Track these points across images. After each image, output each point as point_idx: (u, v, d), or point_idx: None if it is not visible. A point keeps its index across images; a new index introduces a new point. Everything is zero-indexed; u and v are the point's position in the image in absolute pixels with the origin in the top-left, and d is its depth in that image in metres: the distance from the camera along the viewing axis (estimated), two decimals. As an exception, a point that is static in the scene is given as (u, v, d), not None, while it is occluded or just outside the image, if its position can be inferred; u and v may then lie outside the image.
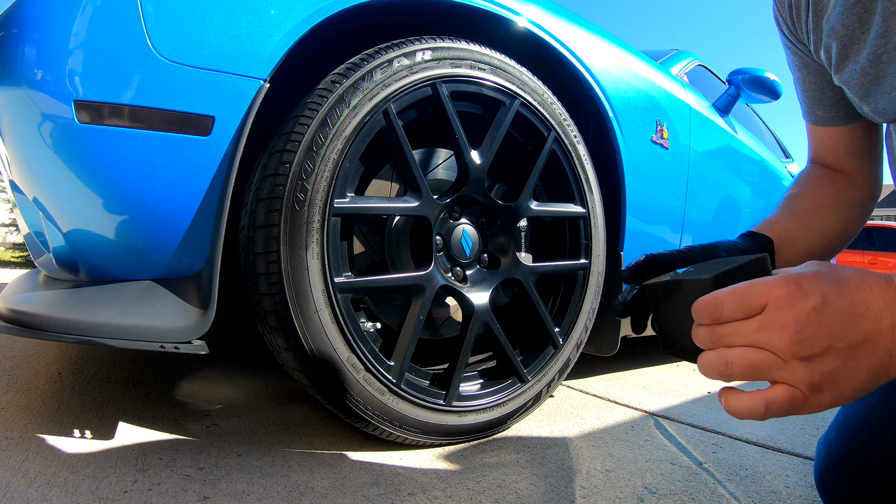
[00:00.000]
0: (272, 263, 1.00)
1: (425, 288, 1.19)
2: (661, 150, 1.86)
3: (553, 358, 1.44)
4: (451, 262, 1.32)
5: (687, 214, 2.04)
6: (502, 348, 1.34)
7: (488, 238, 1.40)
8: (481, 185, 1.29)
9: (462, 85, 1.26)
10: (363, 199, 1.13)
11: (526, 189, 1.38)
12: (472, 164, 1.26)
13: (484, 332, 1.31)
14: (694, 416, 1.66)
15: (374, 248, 1.26)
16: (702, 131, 2.17)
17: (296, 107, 1.09)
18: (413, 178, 1.17)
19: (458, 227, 1.33)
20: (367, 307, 1.27)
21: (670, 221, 1.96)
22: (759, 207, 2.65)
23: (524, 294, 1.40)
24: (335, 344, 1.06)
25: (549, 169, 1.47)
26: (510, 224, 1.38)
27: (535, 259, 1.53)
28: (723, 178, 2.35)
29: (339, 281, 1.07)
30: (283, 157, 1.02)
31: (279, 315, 1.02)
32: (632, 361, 2.58)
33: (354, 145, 1.08)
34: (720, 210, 2.31)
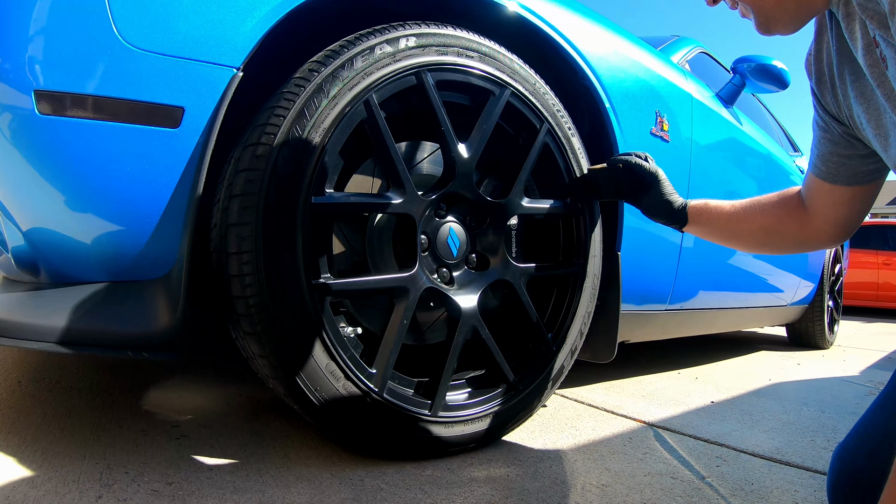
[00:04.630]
0: (246, 264, 1.03)
1: (409, 290, 1.22)
2: (660, 142, 1.91)
3: (546, 365, 1.48)
4: (437, 263, 1.35)
5: (690, 212, 2.08)
6: (492, 355, 1.38)
7: (477, 237, 1.43)
8: (469, 181, 1.33)
9: (448, 74, 1.29)
10: (343, 196, 1.16)
11: (517, 185, 1.41)
12: (460, 159, 1.29)
13: (472, 337, 1.34)
14: (696, 428, 1.70)
15: (355, 247, 1.29)
16: (704, 123, 2.22)
17: (271, 97, 1.12)
18: (396, 173, 1.20)
19: (445, 225, 1.36)
20: (347, 311, 1.30)
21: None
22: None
23: (515, 297, 1.44)
24: (313, 350, 1.09)
25: (541, 163, 1.51)
26: (500, 222, 1.42)
27: (527, 260, 1.57)
28: (727, 172, 2.40)
29: (317, 283, 1.10)
30: (258, 151, 1.05)
31: (253, 319, 1.04)
32: (630, 369, 2.63)
33: (334, 138, 1.11)
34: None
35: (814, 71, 1.06)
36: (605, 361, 1.75)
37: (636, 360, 2.91)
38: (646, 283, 1.97)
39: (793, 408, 2.08)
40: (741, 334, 4.84)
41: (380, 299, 1.34)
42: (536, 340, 1.48)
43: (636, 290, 1.92)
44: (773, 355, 3.62)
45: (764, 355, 3.59)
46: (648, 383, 2.34)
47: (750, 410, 1.99)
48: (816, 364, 3.36)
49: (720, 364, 3.08)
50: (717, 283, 2.50)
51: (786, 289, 3.34)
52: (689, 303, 2.29)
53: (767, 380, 2.65)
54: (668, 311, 2.17)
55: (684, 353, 3.33)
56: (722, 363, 3.12)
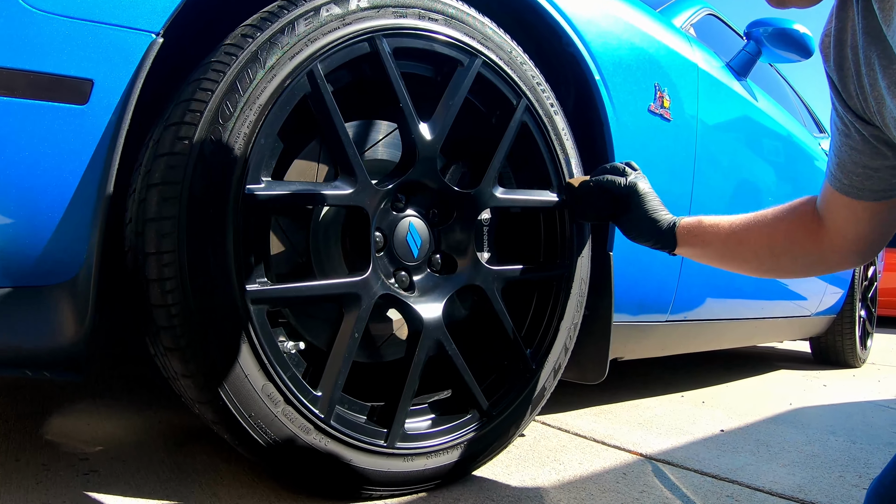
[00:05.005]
0: (167, 266, 1.06)
1: (361, 297, 1.26)
2: (660, 122, 1.97)
3: (524, 386, 1.54)
4: (395, 265, 1.40)
5: (694, 204, 2.16)
6: (459, 374, 1.43)
7: (442, 234, 1.49)
8: (433, 167, 1.38)
9: (408, 40, 1.34)
10: (283, 185, 1.20)
11: (489, 172, 1.47)
12: (422, 141, 1.34)
13: (436, 353, 1.39)
14: (703, 461, 1.76)
15: (297, 247, 1.32)
16: (713, 98, 2.30)
17: (197, 68, 1.15)
18: (346, 157, 1.24)
19: (404, 220, 1.41)
20: (287, 322, 1.33)
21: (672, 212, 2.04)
22: (784, 194, 2.80)
23: (487, 305, 1.49)
24: (247, 369, 1.12)
25: (518, 146, 1.57)
26: (470, 216, 1.48)
27: (502, 261, 1.62)
28: (739, 157, 2.49)
29: (252, 289, 1.13)
30: (181, 132, 1.08)
31: (176, 332, 1.07)
32: (624, 391, 2.71)
33: (271, 116, 1.15)
34: (736, 197, 2.45)
35: (833, 56, 1.03)
36: (594, 382, 1.80)
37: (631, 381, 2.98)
38: (643, 289, 2.03)
39: (818, 437, 2.15)
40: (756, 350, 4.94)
41: (326, 308, 1.38)
42: (513, 357, 1.54)
43: (631, 298, 1.99)
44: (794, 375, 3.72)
45: (783, 375, 3.67)
46: (646, 408, 2.41)
47: (767, 440, 2.05)
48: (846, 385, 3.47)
49: (731, 385, 3.17)
50: (728, 289, 2.57)
51: (809, 296, 3.43)
52: (695, 312, 2.36)
53: (788, 404, 2.75)
54: (670, 322, 2.25)
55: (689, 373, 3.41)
56: (733, 384, 3.21)
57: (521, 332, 1.59)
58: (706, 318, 2.48)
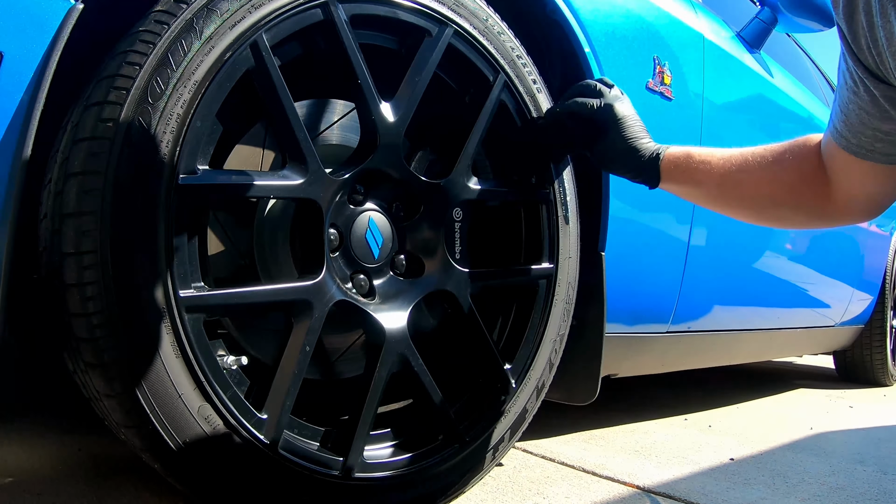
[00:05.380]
0: (88, 270, 1.08)
1: (313, 305, 1.30)
2: (660, 101, 2.03)
3: (502, 408, 1.59)
4: (352, 268, 1.45)
5: (699, 196, 2.20)
6: (427, 394, 1.47)
7: (407, 232, 1.54)
8: (396, 154, 1.42)
9: (367, 6, 1.38)
10: (222, 175, 1.23)
11: (462, 160, 1.52)
12: (383, 123, 1.38)
13: (401, 369, 1.44)
14: (710, 494, 1.81)
15: (239, 246, 1.36)
16: (721, 74, 2.36)
17: (123, 38, 1.17)
18: (295, 142, 1.27)
19: (363, 215, 1.45)
20: (227, 333, 1.37)
21: (674, 206, 2.14)
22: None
23: (459, 314, 1.54)
24: (180, 387, 1.15)
25: (496, 130, 1.61)
26: (439, 211, 1.53)
27: (477, 263, 1.67)
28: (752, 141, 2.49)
29: (186, 295, 1.16)
30: (105, 113, 1.10)
31: (98, 346, 1.09)
32: (619, 413, 2.76)
33: (209, 95, 1.17)
34: (748, 190, 2.49)
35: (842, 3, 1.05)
36: (584, 403, 1.85)
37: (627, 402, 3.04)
38: (640, 295, 2.09)
39: (843, 467, 2.21)
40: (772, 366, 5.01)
41: (273, 317, 1.42)
42: (489, 374, 1.59)
43: (627, 305, 2.05)
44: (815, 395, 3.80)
45: (803, 395, 3.74)
46: (644, 433, 2.47)
47: (784, 471, 2.11)
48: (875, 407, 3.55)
49: (743, 407, 3.24)
50: (739, 295, 2.64)
51: (833, 303, 3.52)
52: (700, 322, 2.43)
53: (808, 428, 2.81)
54: (671, 333, 2.32)
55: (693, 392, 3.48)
56: (745, 405, 3.28)
57: (499, 344, 1.64)
58: (714, 329, 2.54)
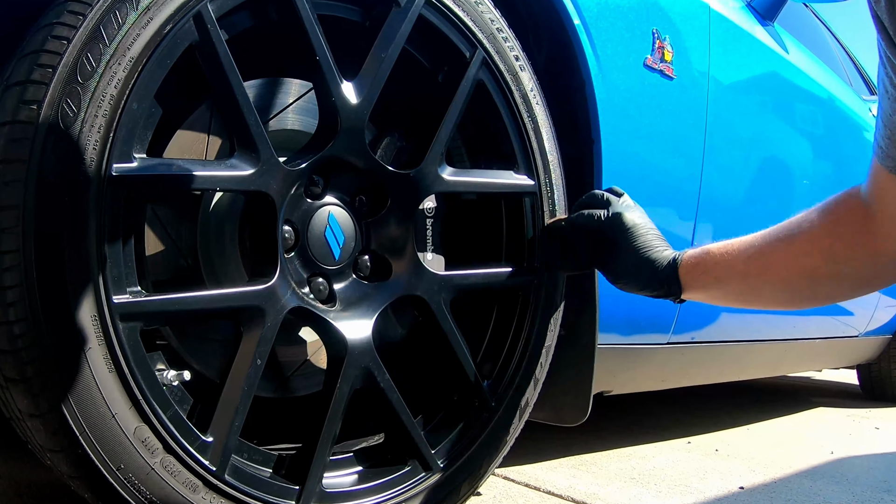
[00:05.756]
0: (8, 272, 1.07)
1: (265, 312, 1.29)
2: (660, 80, 2.04)
3: (480, 430, 1.59)
4: (310, 270, 1.45)
5: (704, 189, 2.24)
6: (395, 414, 1.47)
7: (372, 229, 1.54)
8: (360, 141, 1.42)
9: (327, -28, 1.38)
10: (162, 164, 1.22)
11: (434, 146, 1.51)
12: (345, 106, 1.38)
13: (365, 386, 1.43)
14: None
15: (181, 245, 1.35)
16: (729, 49, 2.37)
17: (48, 9, 1.16)
18: (245, 127, 1.27)
19: (322, 210, 1.45)
20: (168, 345, 1.36)
21: (676, 200, 2.16)
22: (824, 176, 2.88)
23: (432, 323, 1.54)
24: (114, 406, 1.14)
25: (473, 113, 1.61)
26: (408, 205, 1.53)
27: (451, 265, 1.67)
28: (764, 126, 2.58)
29: (120, 301, 1.15)
30: (27, 94, 1.09)
31: (20, 358, 1.08)
32: (614, 436, 2.76)
33: (147, 73, 1.16)
34: (760, 180, 2.54)
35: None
36: (573, 424, 1.86)
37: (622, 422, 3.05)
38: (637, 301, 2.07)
39: (868, 497, 2.22)
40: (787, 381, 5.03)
41: (219, 326, 1.41)
42: (466, 391, 1.59)
43: (622, 312, 2.05)
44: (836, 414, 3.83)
45: (822, 414, 3.76)
46: (641, 457, 2.47)
47: (800, 501, 2.11)
48: (904, 428, 3.57)
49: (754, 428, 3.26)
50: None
51: (857, 310, 3.54)
52: (706, 332, 2.44)
53: (828, 453, 2.83)
54: (673, 345, 2.33)
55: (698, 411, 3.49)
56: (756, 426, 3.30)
57: (477, 357, 1.64)
58: (721, 340, 2.56)
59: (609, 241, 1.57)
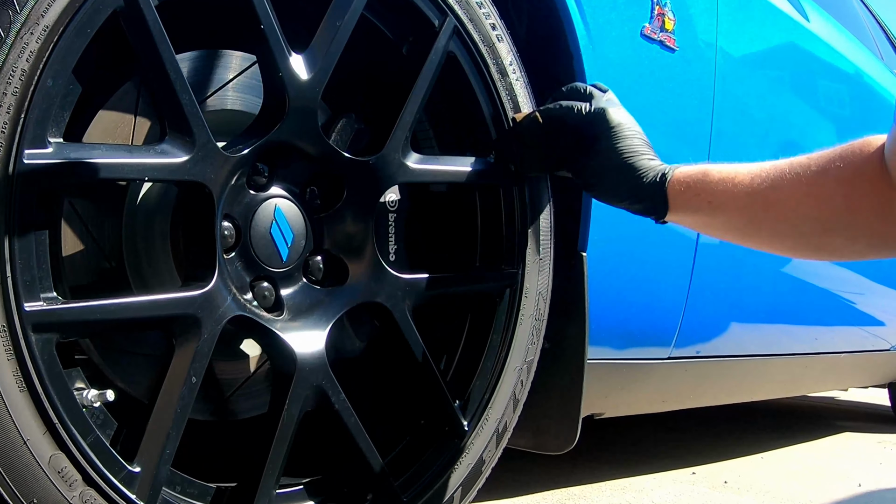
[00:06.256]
0: None
1: (201, 322, 1.29)
2: (660, 52, 2.06)
3: (451, 458, 1.60)
4: (253, 272, 1.45)
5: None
6: (353, 440, 1.47)
7: (325, 225, 1.55)
8: (311, 123, 1.42)
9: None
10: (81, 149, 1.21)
11: (398, 130, 1.52)
12: (294, 82, 1.38)
13: (318, 407, 1.44)
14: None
15: (104, 244, 1.35)
16: (741, 16, 2.39)
17: None
18: (177, 107, 1.26)
19: (267, 203, 1.45)
20: (89, 360, 1.36)
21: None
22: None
23: (395, 334, 1.55)
24: (26, 431, 1.14)
25: (442, 91, 1.63)
26: (368, 198, 1.53)
27: (417, 266, 1.68)
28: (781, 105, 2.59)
29: (32, 308, 1.14)
30: None
31: None
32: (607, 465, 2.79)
33: (64, 45, 1.16)
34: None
35: None
36: (559, 452, 1.87)
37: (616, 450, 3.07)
38: (633, 309, 2.11)
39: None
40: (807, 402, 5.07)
41: (148, 339, 1.41)
42: (435, 413, 1.60)
43: (615, 322, 2.07)
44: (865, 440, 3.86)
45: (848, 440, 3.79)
46: (638, 490, 2.49)
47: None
48: (942, 456, 3.60)
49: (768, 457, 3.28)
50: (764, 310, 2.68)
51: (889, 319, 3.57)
52: (713, 345, 2.47)
53: (856, 485, 2.86)
54: (675, 360, 2.34)
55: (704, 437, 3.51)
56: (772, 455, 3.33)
57: (447, 374, 1.66)
58: (730, 355, 2.58)
59: (588, 141, 1.57)
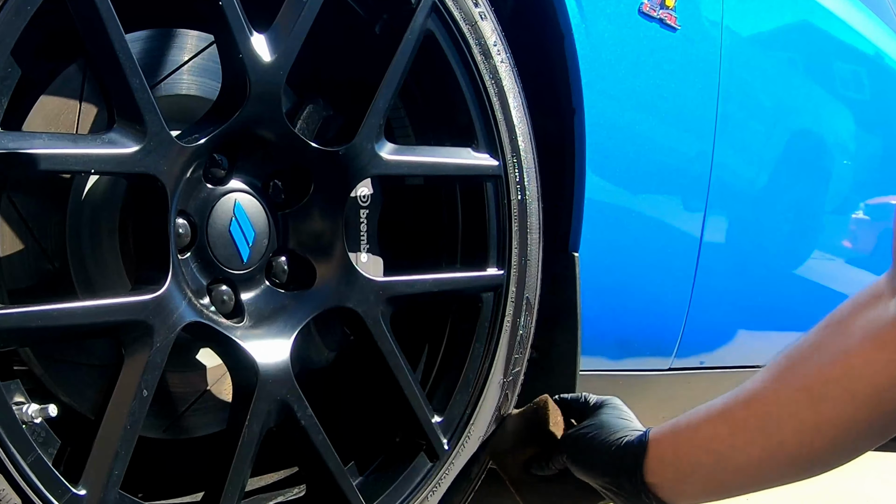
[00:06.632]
0: None
1: (153, 329, 1.29)
2: (660, 31, 2.08)
3: (428, 479, 1.62)
4: (211, 275, 1.47)
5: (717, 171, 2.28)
6: (321, 460, 1.49)
7: (290, 222, 1.56)
8: (275, 109, 1.44)
9: None
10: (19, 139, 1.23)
11: (370, 117, 1.53)
12: (255, 64, 1.39)
13: (282, 423, 1.45)
14: None
15: (46, 244, 1.37)
16: (748, -8, 2.41)
17: None
18: (127, 92, 1.27)
19: (226, 198, 1.47)
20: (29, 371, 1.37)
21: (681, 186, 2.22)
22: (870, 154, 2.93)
23: (367, 343, 1.57)
24: (-41, 451, 1.16)
25: (420, 74, 1.65)
26: (337, 192, 1.55)
27: (392, 268, 1.70)
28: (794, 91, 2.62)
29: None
30: None
31: None
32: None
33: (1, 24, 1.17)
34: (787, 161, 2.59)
35: None
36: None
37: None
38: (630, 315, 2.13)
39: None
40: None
41: (95, 348, 1.43)
42: (411, 430, 1.61)
43: (610, 329, 2.09)
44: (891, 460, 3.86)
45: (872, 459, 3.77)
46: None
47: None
48: None
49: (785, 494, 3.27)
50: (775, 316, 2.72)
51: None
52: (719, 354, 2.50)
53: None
54: (677, 371, 2.37)
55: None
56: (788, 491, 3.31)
57: (426, 387, 1.67)
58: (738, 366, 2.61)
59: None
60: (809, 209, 2.54)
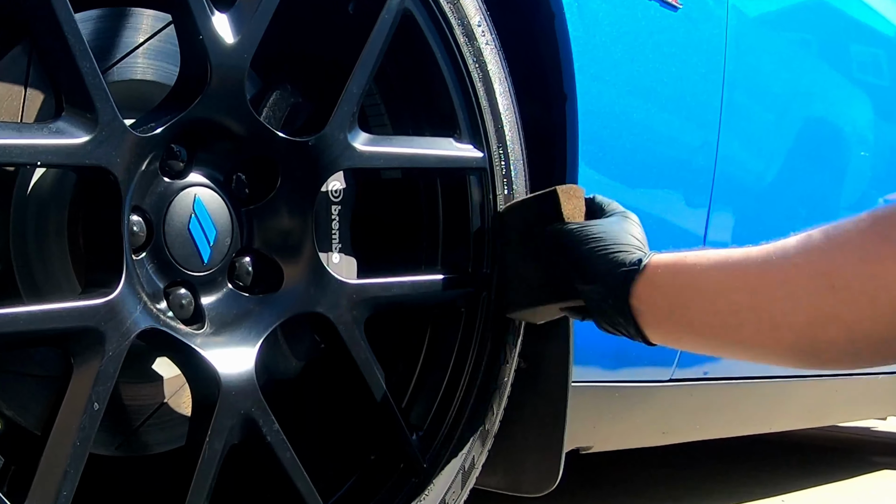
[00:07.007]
0: None
1: (105, 337, 1.30)
2: (659, 10, 2.11)
3: (407, 501, 1.64)
4: (168, 277, 1.48)
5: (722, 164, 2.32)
6: (289, 480, 1.50)
7: (255, 220, 1.58)
8: (238, 96, 1.45)
9: None
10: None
11: (343, 105, 1.55)
12: (217, 47, 1.40)
13: (246, 440, 1.47)
14: None
15: (-12, 243, 1.39)
16: (758, -34, 2.43)
17: None
18: (77, 77, 1.27)
19: (185, 193, 1.48)
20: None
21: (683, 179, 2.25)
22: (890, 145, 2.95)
23: (340, 352, 1.59)
24: None
25: (397, 57, 1.67)
26: (307, 187, 1.57)
27: (367, 270, 1.73)
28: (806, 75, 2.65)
29: None
30: None
31: None
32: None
33: None
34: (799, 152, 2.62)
35: None
36: (538, 494, 1.91)
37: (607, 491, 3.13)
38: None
39: None
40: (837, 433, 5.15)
41: (41, 357, 1.45)
42: (387, 447, 1.64)
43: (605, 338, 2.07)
44: (909, 481, 3.92)
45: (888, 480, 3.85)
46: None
47: None
48: None
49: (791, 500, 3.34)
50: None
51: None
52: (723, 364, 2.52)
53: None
54: (678, 383, 2.40)
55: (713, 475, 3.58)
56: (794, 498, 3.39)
57: (403, 400, 1.69)
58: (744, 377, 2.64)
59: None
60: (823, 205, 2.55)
